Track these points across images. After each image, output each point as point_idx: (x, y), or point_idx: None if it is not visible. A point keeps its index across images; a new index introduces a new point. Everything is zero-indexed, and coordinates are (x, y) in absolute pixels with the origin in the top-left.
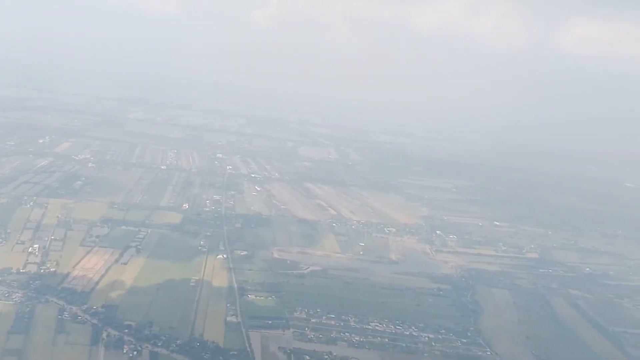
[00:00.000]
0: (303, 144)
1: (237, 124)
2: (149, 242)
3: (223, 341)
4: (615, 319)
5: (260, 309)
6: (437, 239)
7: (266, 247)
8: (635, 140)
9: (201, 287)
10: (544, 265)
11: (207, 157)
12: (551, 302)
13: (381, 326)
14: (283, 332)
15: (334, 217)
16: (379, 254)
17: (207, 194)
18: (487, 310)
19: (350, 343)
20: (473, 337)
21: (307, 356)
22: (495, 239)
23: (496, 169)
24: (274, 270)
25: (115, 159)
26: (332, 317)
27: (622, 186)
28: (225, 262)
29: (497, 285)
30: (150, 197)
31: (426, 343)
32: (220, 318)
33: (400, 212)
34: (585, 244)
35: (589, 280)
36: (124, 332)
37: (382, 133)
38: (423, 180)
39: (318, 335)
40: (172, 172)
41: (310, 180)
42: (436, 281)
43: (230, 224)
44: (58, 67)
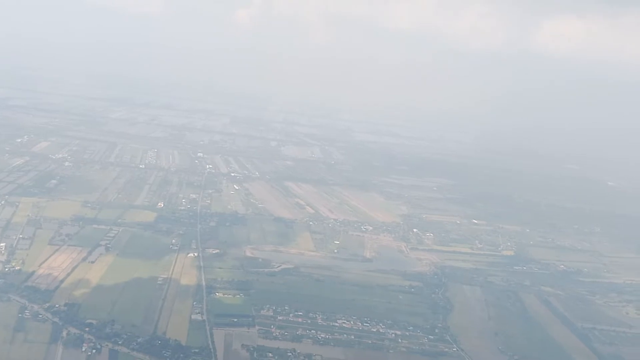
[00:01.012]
0: (287, 143)
1: (221, 123)
2: (119, 240)
3: (186, 339)
4: (585, 316)
5: (227, 307)
6: (413, 237)
7: (239, 245)
8: (618, 142)
9: (168, 286)
10: (518, 263)
11: (187, 156)
12: (523, 299)
13: (348, 323)
14: (248, 330)
15: (311, 216)
16: (354, 252)
17: (184, 192)
18: (457, 307)
19: (316, 340)
20: (441, 334)
21: (270, 353)
22: (472, 236)
23: (479, 169)
24: (245, 269)
25: (93, 158)
26: (300, 314)
27: (605, 185)
28: (196, 260)
29: (470, 282)
30: (125, 196)
31: (392, 340)
32: (184, 316)
33: (379, 210)
34: (562, 241)
35: (563, 277)
36: (84, 330)
37: (368, 133)
38: (405, 180)
39: (283, 333)
40: (150, 171)
41: (291, 179)
42: (408, 278)
43: (204, 223)
44: (41, 68)
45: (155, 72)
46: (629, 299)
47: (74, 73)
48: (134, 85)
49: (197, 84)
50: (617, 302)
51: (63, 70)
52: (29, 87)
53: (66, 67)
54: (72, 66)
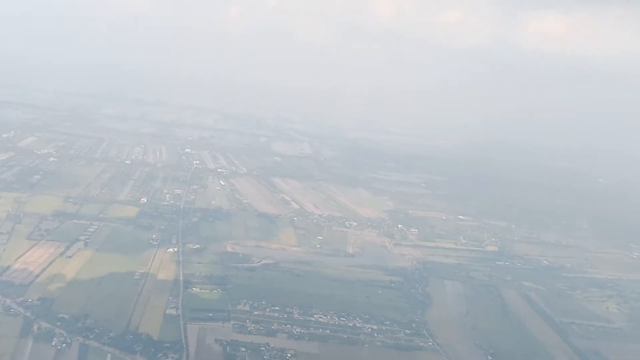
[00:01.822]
0: (277, 139)
1: (212, 119)
2: (99, 235)
3: (158, 333)
4: (564, 311)
5: (203, 302)
6: (397, 233)
7: (220, 240)
8: (609, 136)
9: (145, 281)
10: (501, 258)
11: (175, 152)
12: (503, 294)
13: (325, 318)
14: (223, 325)
15: (296, 211)
16: (336, 247)
17: (168, 188)
18: (436, 302)
19: (291, 335)
20: (417, 329)
21: (244, 348)
22: (457, 232)
23: (469, 164)
24: (224, 264)
25: (79, 153)
26: (276, 309)
27: (595, 182)
28: (175, 255)
29: (451, 277)
30: (108, 191)
31: (368, 334)
32: (159, 311)
33: (365, 206)
34: (548, 237)
35: (545, 272)
36: (56, 324)
37: (359, 130)
38: (393, 176)
39: (258, 327)
40: (136, 166)
41: (278, 175)
42: (389, 274)
43: (187, 218)
44: (29, 60)
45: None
46: (609, 294)
47: (63, 66)
48: (124, 80)
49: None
50: (598, 297)
51: (53, 61)
52: (17, 82)
53: (56, 58)
54: (62, 58)
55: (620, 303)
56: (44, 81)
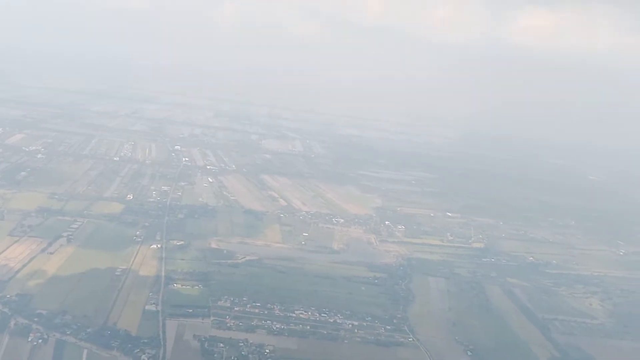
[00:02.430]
0: (268, 137)
1: (204, 117)
2: (82, 232)
3: (137, 329)
4: (547, 307)
5: (183, 298)
6: (384, 229)
7: (205, 237)
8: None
9: (126, 277)
10: (487, 255)
11: (165, 149)
12: (486, 291)
13: (306, 314)
14: (202, 321)
15: (283, 208)
16: (321, 244)
17: (155, 185)
18: (418, 298)
19: (270, 331)
20: (398, 324)
21: (222, 344)
22: (444, 229)
23: (460, 162)
24: (207, 260)
25: (68, 150)
26: (257, 305)
27: (585, 179)
28: (158, 251)
29: (435, 274)
30: (95, 188)
31: (349, 330)
32: (138, 307)
33: (353, 203)
34: (535, 234)
35: (531, 269)
36: (33, 320)
37: (351, 127)
38: (383, 173)
39: (238, 323)
40: (124, 163)
41: (267, 172)
42: (374, 270)
43: (173, 215)
44: (21, 57)
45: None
46: (594, 291)
47: (56, 62)
48: (117, 75)
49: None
50: (582, 294)
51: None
52: (7, 79)
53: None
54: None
55: (604, 299)
56: (36, 77)
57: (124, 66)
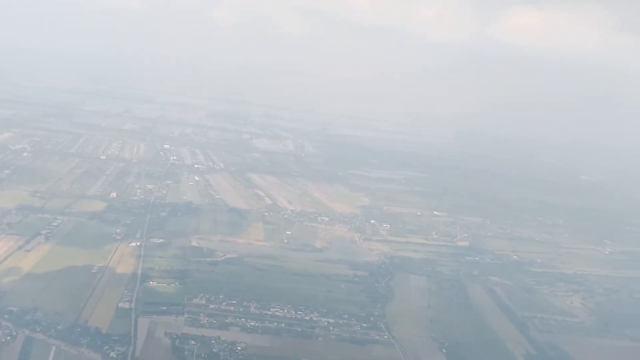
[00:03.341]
0: (261, 136)
1: (197, 116)
2: (62, 229)
3: (108, 327)
4: (528, 305)
5: (158, 295)
6: (369, 228)
7: (186, 235)
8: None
9: (102, 274)
10: (471, 253)
11: (153, 148)
12: (467, 289)
13: (282, 312)
14: (175, 318)
15: (268, 207)
16: (304, 242)
17: (140, 183)
18: (398, 296)
19: (244, 328)
20: (375, 322)
21: (193, 341)
22: (430, 228)
23: (453, 160)
24: (186, 258)
25: (55, 149)
26: (233, 303)
27: (578, 179)
28: (137, 249)
29: (417, 272)
30: (78, 186)
31: (324, 328)
32: (112, 304)
33: (340, 202)
34: (521, 233)
35: (514, 267)
36: (3, 317)
37: (347, 127)
38: (374, 172)
39: (212, 321)
40: (111, 162)
41: (255, 171)
42: (355, 268)
43: (155, 213)
44: (21, 57)
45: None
46: (576, 289)
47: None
48: (112, 75)
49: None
50: (564, 292)
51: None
52: (7, 80)
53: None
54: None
55: (586, 298)
56: (34, 77)
57: (123, 66)
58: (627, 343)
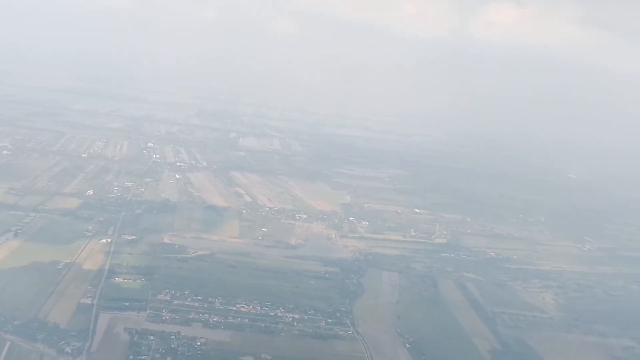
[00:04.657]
0: (248, 135)
1: (185, 115)
2: (33, 226)
3: (67, 322)
4: (498, 301)
5: (122, 291)
6: (347, 225)
7: (159, 232)
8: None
9: (68, 270)
10: (448, 250)
11: (137, 146)
12: (439, 285)
13: (247, 307)
14: (137, 314)
15: (247, 204)
16: (279, 239)
17: (119, 181)
18: (367, 292)
19: (206, 324)
20: (340, 318)
21: (152, 336)
22: (409, 225)
23: (440, 159)
24: (156, 255)
25: (36, 147)
26: (198, 298)
27: (565, 177)
28: (107, 246)
29: (390, 268)
30: (55, 184)
31: (288, 323)
32: (74, 300)
33: (321, 199)
34: (501, 230)
35: (489, 264)
36: None
37: (337, 126)
38: (358, 170)
39: (174, 317)
40: (92, 160)
41: (238, 169)
42: (327, 264)
43: (130, 210)
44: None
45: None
46: (550, 285)
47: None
48: (104, 75)
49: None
50: (537, 288)
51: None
52: None
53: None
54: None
55: (559, 294)
56: (21, 76)
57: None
58: (596, 338)
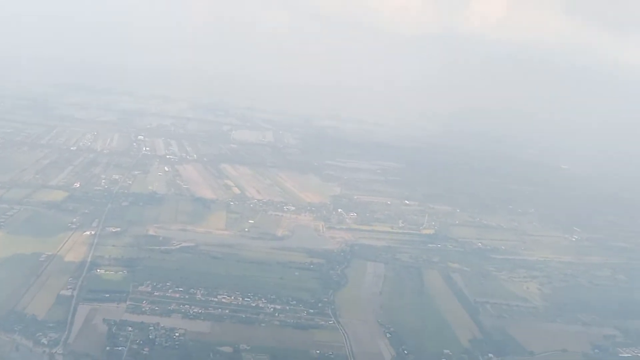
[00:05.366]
0: (241, 128)
1: (178, 108)
2: (16, 219)
3: (45, 314)
4: (483, 290)
5: (103, 283)
6: (335, 217)
7: (145, 224)
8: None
9: (50, 262)
10: (435, 241)
11: (128, 139)
12: (424, 275)
13: (228, 298)
14: (117, 305)
15: (235, 196)
16: (265, 231)
17: (107, 173)
18: (351, 283)
19: (186, 315)
20: (322, 308)
21: (131, 327)
22: (398, 216)
23: (432, 152)
24: (139, 246)
25: (25, 140)
26: (180, 290)
27: (557, 169)
28: (91, 238)
29: (376, 259)
30: (42, 176)
31: (269, 314)
32: (53, 292)
33: (311, 191)
34: (490, 221)
35: (476, 254)
36: None
37: (330, 119)
38: (350, 163)
39: (154, 308)
40: (80, 153)
41: (229, 161)
42: (312, 256)
43: (117, 203)
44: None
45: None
46: (535, 275)
47: (36, 58)
48: (98, 72)
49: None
50: (522, 278)
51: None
52: None
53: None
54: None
55: (544, 283)
56: (16, 73)
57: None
58: (578, 327)
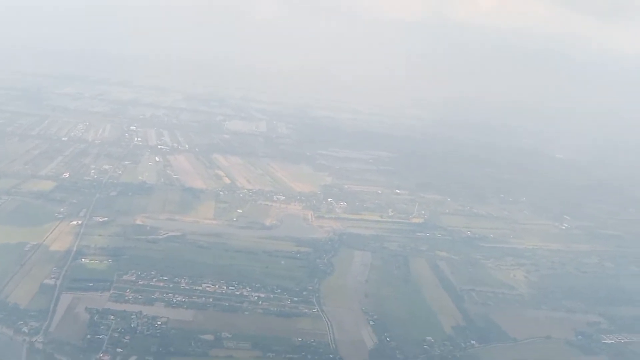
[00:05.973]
0: (235, 118)
1: (172, 99)
2: (3, 209)
3: (28, 302)
4: (469, 278)
5: (87, 272)
6: (324, 206)
7: (132, 214)
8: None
9: (34, 252)
10: (424, 230)
11: (120, 129)
12: (410, 263)
13: (213, 287)
14: (100, 294)
15: (225, 186)
16: (254, 220)
17: (97, 164)
18: (338, 271)
19: (169, 303)
20: (307, 296)
21: (113, 316)
22: (388, 205)
23: (426, 142)
24: (126, 236)
25: (16, 131)
26: (164, 279)
27: (552, 158)
28: (77, 227)
29: (363, 248)
30: (31, 167)
31: (253, 302)
32: (37, 281)
33: (302, 181)
34: (480, 210)
35: (464, 242)
36: None
37: (325, 109)
38: (343, 152)
39: (137, 296)
40: (71, 143)
41: (221, 151)
42: (300, 244)
43: (105, 192)
44: None
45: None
46: (522, 263)
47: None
48: (91, 62)
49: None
50: (509, 266)
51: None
52: None
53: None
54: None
55: (531, 271)
56: (9, 64)
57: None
58: (562, 314)
